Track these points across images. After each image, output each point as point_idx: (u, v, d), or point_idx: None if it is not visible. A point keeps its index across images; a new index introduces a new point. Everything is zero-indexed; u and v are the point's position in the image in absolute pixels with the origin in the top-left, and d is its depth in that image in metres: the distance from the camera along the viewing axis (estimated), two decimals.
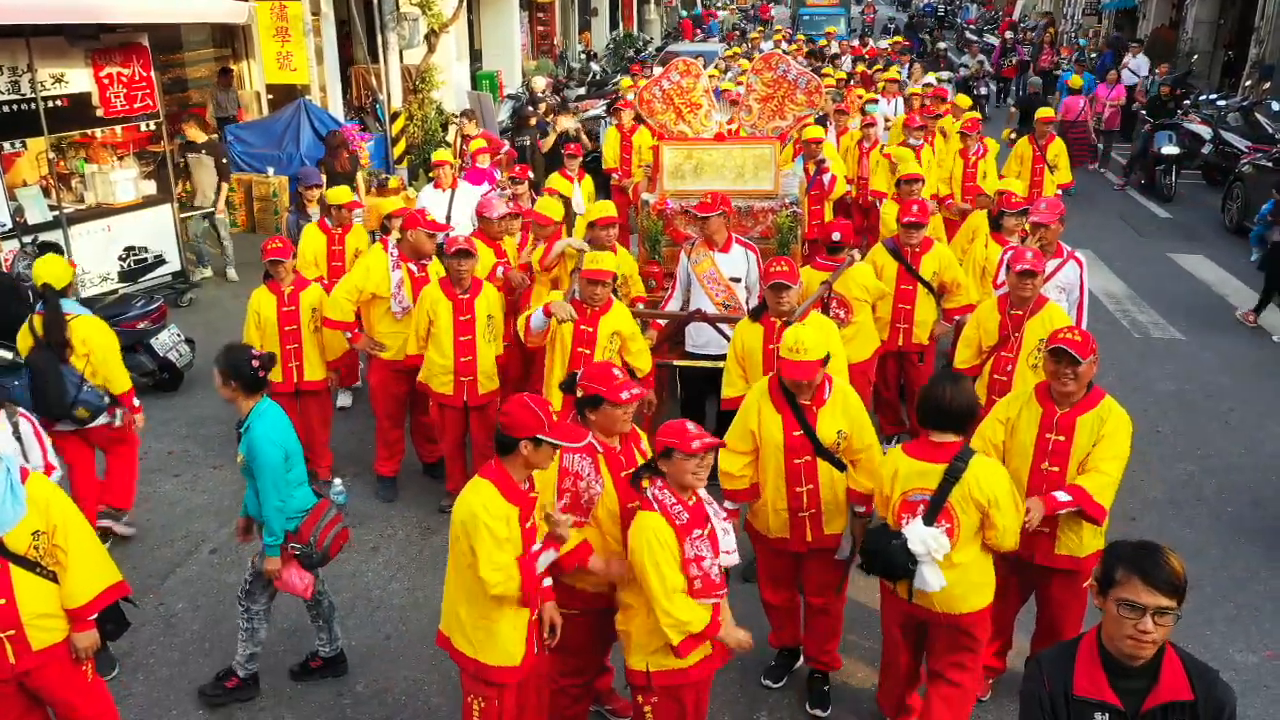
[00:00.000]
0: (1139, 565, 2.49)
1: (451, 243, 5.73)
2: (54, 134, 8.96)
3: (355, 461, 6.79)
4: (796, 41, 21.58)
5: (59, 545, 3.59)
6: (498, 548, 3.34)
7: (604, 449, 3.76)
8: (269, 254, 6.10)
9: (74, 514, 3.66)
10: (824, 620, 4.47)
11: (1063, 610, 4.30)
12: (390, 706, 4.62)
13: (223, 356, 4.30)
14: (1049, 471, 4.06)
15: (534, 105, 13.80)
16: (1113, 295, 10.19)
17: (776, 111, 6.94)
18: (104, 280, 9.31)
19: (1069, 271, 6.09)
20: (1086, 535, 4.10)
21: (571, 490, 3.76)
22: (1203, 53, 21.30)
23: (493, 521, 3.33)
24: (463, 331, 5.69)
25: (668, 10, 36.39)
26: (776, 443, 4.14)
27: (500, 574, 3.35)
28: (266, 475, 4.24)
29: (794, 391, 4.10)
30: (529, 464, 3.40)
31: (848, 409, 4.19)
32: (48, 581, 3.59)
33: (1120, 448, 4.02)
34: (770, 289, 5.04)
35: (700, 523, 3.47)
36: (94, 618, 3.70)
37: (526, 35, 21.88)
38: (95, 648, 3.76)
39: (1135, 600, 2.47)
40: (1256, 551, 5.82)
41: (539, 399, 3.42)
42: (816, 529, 4.25)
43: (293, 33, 12.44)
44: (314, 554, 4.36)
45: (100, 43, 8.98)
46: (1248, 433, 7.30)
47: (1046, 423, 4.06)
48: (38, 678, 3.66)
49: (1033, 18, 35.33)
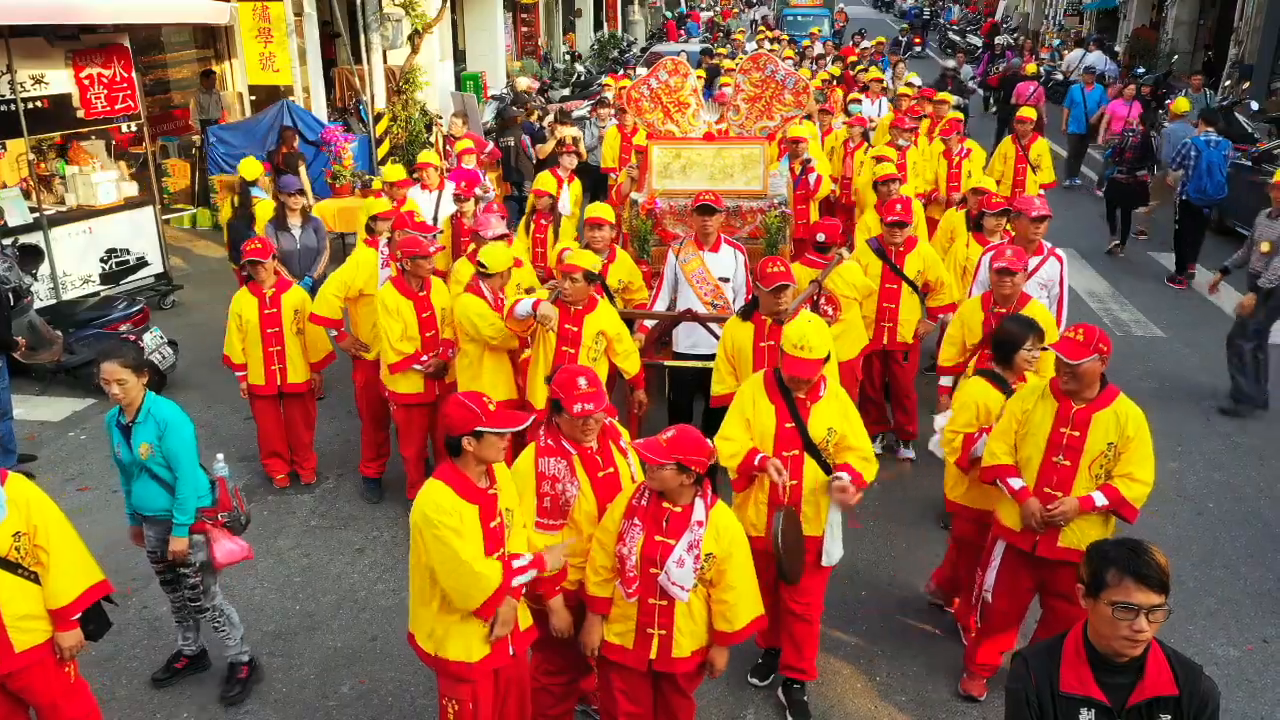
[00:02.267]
0: (1131, 567, 2.49)
1: (410, 243, 5.73)
2: (34, 135, 8.89)
3: (340, 464, 6.76)
4: (781, 41, 21.62)
5: (40, 545, 3.57)
6: (455, 552, 3.31)
7: (579, 451, 3.75)
8: (248, 255, 6.08)
9: (54, 513, 3.64)
10: (802, 628, 4.41)
11: (1066, 603, 4.26)
12: (376, 708, 4.61)
13: (123, 353, 4.30)
14: (1060, 465, 4.10)
15: (519, 106, 13.78)
16: (1094, 293, 10.26)
17: (764, 112, 6.96)
18: (86, 282, 9.24)
19: (1050, 268, 6.14)
20: (1095, 530, 4.10)
21: (550, 494, 3.76)
22: (1183, 53, 21.46)
23: (445, 518, 3.32)
24: (427, 328, 5.76)
25: (652, 11, 36.41)
26: (767, 432, 4.16)
27: (460, 584, 3.35)
28: (189, 457, 4.31)
29: (791, 387, 4.13)
30: (479, 458, 3.39)
31: (842, 410, 4.21)
32: (29, 582, 3.57)
33: (1147, 449, 4.08)
34: (771, 291, 4.97)
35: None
36: (76, 617, 3.68)
37: (510, 36, 21.84)
38: (80, 648, 3.75)
39: (1129, 601, 2.47)
40: (1238, 547, 5.88)
41: (473, 394, 3.46)
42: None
43: (275, 33, 12.37)
44: (241, 517, 4.54)
45: (81, 43, 8.93)
46: (1228, 429, 7.36)
47: (1062, 417, 4.10)
48: (21, 679, 3.64)
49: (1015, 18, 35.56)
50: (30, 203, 8.94)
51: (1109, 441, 4.03)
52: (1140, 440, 4.04)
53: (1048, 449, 4.12)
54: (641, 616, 3.59)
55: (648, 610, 3.57)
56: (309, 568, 5.68)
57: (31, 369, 7.65)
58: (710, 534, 3.48)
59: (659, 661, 3.62)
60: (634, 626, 3.61)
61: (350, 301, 6.34)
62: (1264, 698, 4.67)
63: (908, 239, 6.43)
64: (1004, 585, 4.39)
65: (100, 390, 7.61)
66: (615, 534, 3.57)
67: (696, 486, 3.48)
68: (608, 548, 3.60)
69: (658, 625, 3.58)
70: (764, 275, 4.99)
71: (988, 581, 4.46)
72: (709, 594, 3.58)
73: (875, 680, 4.78)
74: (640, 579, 3.52)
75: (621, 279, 6.30)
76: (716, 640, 3.64)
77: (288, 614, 5.27)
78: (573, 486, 3.74)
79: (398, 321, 5.71)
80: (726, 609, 3.57)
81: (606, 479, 3.78)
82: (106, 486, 6.49)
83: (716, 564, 3.50)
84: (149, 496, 4.39)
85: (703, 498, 3.51)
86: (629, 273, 6.36)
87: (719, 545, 3.50)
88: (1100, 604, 2.54)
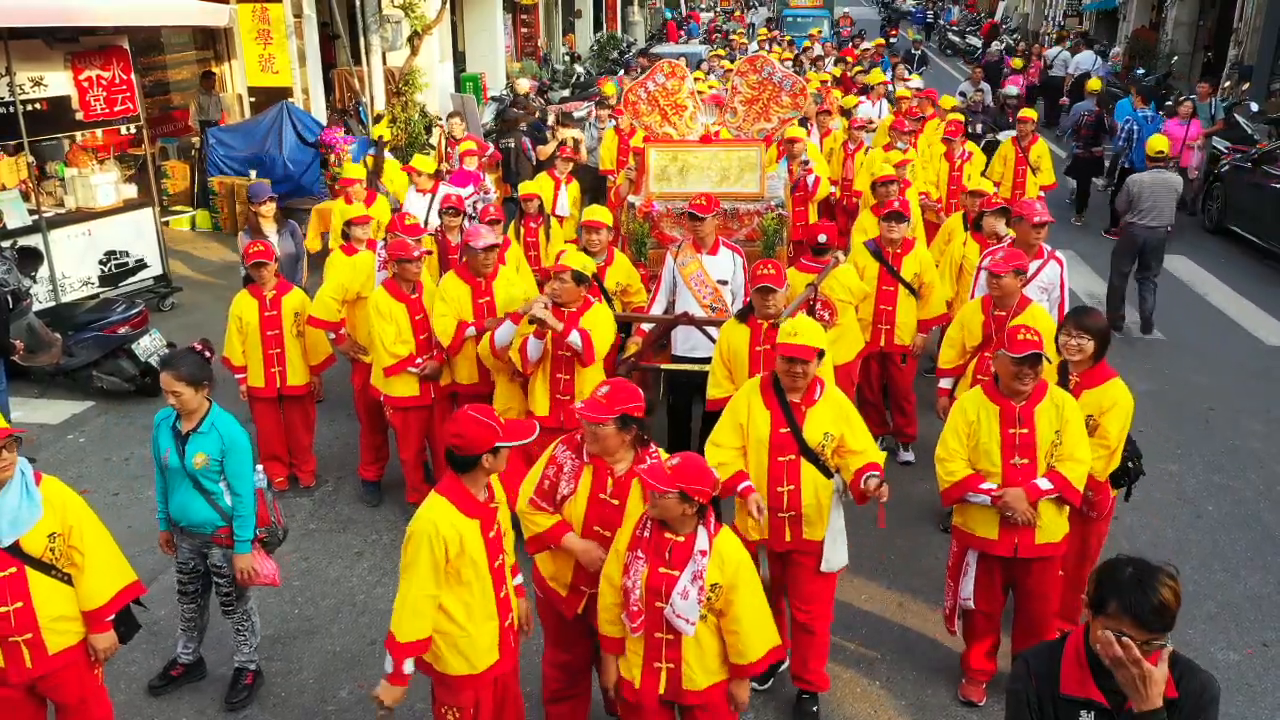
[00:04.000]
0: (1131, 607, 2.39)
1: (397, 246, 5.72)
2: (33, 137, 8.89)
3: (339, 466, 6.76)
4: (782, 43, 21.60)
5: (75, 546, 3.58)
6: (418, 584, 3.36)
7: (594, 464, 3.75)
8: (251, 257, 6.07)
9: (88, 514, 3.65)
10: (809, 639, 4.38)
11: (1043, 602, 4.41)
12: (374, 713, 4.58)
13: (180, 364, 4.20)
14: (1020, 466, 4.18)
15: (518, 107, 13.77)
16: (1094, 295, 10.24)
17: (761, 114, 6.95)
18: (85, 285, 9.23)
19: (1050, 272, 6.15)
20: (1060, 521, 4.28)
21: (550, 479, 3.81)
22: (1182, 54, 21.44)
23: (434, 542, 3.34)
24: (421, 330, 5.76)
25: (651, 12, 36.39)
26: (762, 438, 4.15)
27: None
28: (251, 477, 4.28)
29: (786, 385, 4.11)
30: (490, 472, 3.44)
31: (838, 412, 4.17)
32: (63, 584, 3.57)
33: (1081, 426, 4.21)
34: (756, 292, 5.04)
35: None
36: (110, 619, 3.69)
37: (510, 37, 21.82)
38: (114, 650, 3.75)
39: (1125, 635, 2.41)
40: (1237, 550, 5.87)
41: (483, 408, 3.48)
42: (796, 531, 4.23)
43: (274, 35, 12.38)
44: (279, 531, 4.53)
45: (80, 45, 8.92)
46: (1227, 432, 7.36)
47: (1008, 418, 4.18)
48: (53, 680, 3.64)
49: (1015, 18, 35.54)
50: (29, 205, 8.93)
51: (1055, 430, 4.17)
52: (1075, 421, 4.19)
53: (1003, 454, 4.19)
54: (648, 651, 3.48)
55: (654, 644, 3.46)
56: (308, 571, 5.67)
57: (30, 371, 7.65)
58: (715, 563, 3.36)
59: (669, 694, 3.50)
60: (641, 661, 3.51)
61: (348, 304, 6.34)
62: (1264, 702, 4.67)
63: (905, 241, 6.43)
64: (982, 590, 4.43)
65: (100, 393, 7.72)
66: (621, 569, 3.49)
67: (699, 516, 3.38)
68: (615, 583, 3.51)
69: (665, 659, 3.47)
70: (753, 277, 5.06)
71: (965, 591, 4.48)
72: (719, 624, 3.46)
73: (875, 684, 4.77)
74: (645, 612, 3.43)
75: (619, 281, 6.30)
76: (734, 673, 3.52)
77: (286, 618, 5.26)
78: (566, 486, 3.77)
79: (391, 325, 5.70)
80: (738, 640, 3.44)
81: (605, 504, 3.74)
82: (106, 489, 6.49)
83: (724, 593, 3.38)
84: (192, 507, 4.31)
85: (706, 526, 3.40)
86: (627, 275, 6.36)
87: (724, 574, 3.37)
88: (1096, 628, 2.48)
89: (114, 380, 7.67)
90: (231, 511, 4.31)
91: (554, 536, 3.77)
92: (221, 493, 4.30)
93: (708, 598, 3.35)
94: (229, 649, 4.78)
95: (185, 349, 4.46)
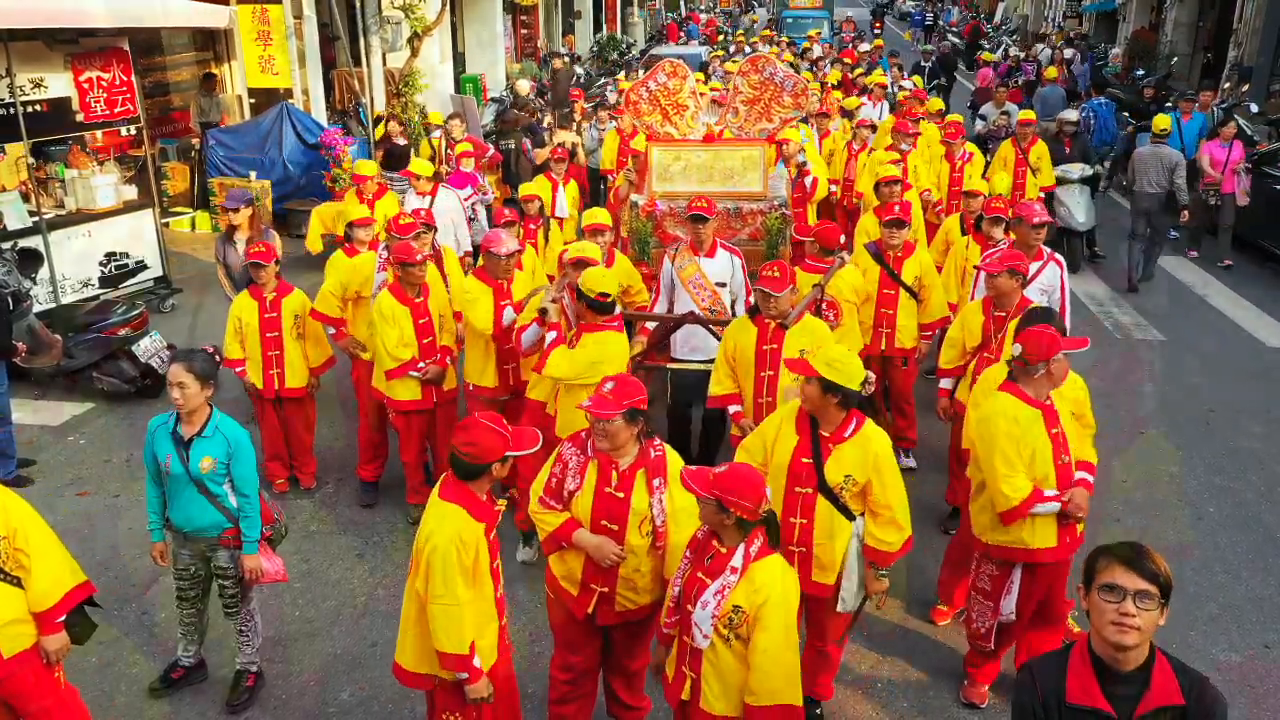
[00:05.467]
0: (1119, 553, 2.55)
1: (400, 249, 5.71)
2: (33, 139, 8.88)
3: (339, 467, 6.75)
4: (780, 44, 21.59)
5: (20, 549, 3.54)
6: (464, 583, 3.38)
7: (599, 459, 3.76)
8: (251, 258, 6.07)
9: (31, 516, 3.61)
10: (822, 660, 4.34)
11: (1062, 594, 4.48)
12: (376, 715, 4.60)
13: (192, 359, 4.21)
14: (1066, 464, 4.21)
15: (520, 109, 13.76)
16: (1094, 296, 10.25)
17: (763, 114, 6.94)
18: (85, 286, 9.23)
19: (1050, 273, 6.14)
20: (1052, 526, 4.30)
21: (557, 476, 3.84)
22: (1182, 55, 21.46)
23: (462, 551, 3.36)
24: (424, 334, 5.77)
25: (651, 13, 36.39)
26: (782, 464, 4.01)
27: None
28: (254, 471, 4.30)
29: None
30: (495, 479, 3.49)
31: (868, 459, 3.90)
32: (12, 587, 3.55)
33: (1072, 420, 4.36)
34: (759, 293, 5.02)
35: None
36: (61, 620, 3.66)
37: (510, 38, 21.82)
38: (66, 651, 3.72)
39: (1115, 582, 2.49)
40: (1238, 552, 5.86)
41: (493, 416, 3.50)
42: (805, 570, 4.00)
43: (274, 36, 12.37)
44: (281, 528, 4.59)
45: (80, 46, 8.91)
46: (1228, 433, 7.35)
47: (1051, 418, 4.19)
48: (10, 685, 3.61)
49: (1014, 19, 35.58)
50: (29, 206, 8.93)
51: (1069, 420, 4.31)
52: (1066, 411, 4.32)
53: (1055, 455, 4.14)
54: (679, 653, 3.44)
55: (682, 647, 3.41)
56: (308, 573, 5.66)
57: (30, 373, 7.63)
58: (744, 586, 3.17)
59: (691, 706, 3.39)
60: (674, 659, 3.48)
61: (347, 303, 6.35)
62: (1266, 704, 4.66)
63: (906, 244, 6.42)
64: (1024, 600, 4.36)
65: (100, 394, 7.70)
66: (679, 559, 3.53)
67: (743, 531, 3.22)
68: (676, 552, 3.63)
69: (689, 666, 3.38)
70: (760, 279, 5.05)
71: (1007, 607, 4.35)
72: (746, 653, 3.24)
73: (877, 686, 4.77)
74: (678, 611, 3.42)
75: (621, 282, 6.29)
76: (745, 713, 3.28)
77: (287, 620, 5.25)
78: (571, 482, 3.79)
79: (394, 328, 5.69)
80: (749, 677, 3.22)
81: (610, 498, 3.73)
82: (106, 491, 6.48)
83: (746, 620, 3.18)
84: (196, 513, 4.29)
85: (747, 545, 3.23)
86: (628, 276, 6.35)
87: (749, 600, 3.17)
88: (1093, 594, 2.55)
89: (114, 382, 7.66)
90: (238, 513, 4.32)
91: (565, 534, 3.78)
92: (226, 494, 4.30)
93: (729, 619, 3.19)
94: (230, 651, 4.77)
95: (197, 349, 4.45)
